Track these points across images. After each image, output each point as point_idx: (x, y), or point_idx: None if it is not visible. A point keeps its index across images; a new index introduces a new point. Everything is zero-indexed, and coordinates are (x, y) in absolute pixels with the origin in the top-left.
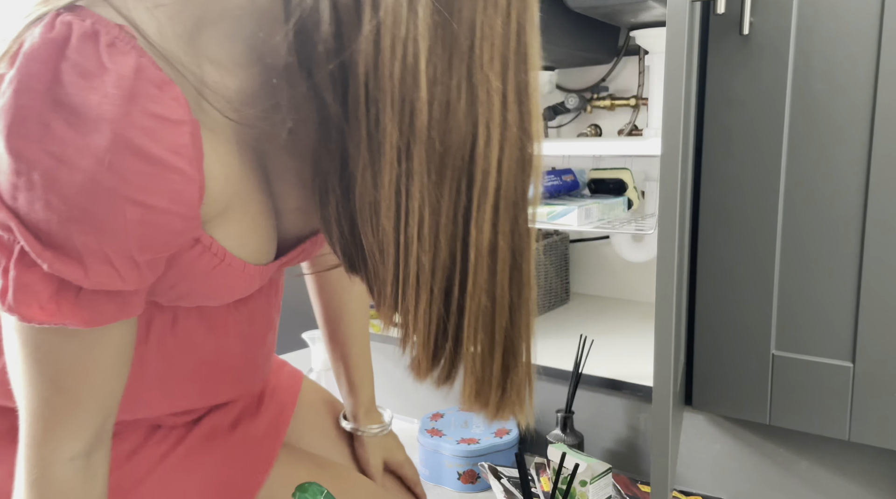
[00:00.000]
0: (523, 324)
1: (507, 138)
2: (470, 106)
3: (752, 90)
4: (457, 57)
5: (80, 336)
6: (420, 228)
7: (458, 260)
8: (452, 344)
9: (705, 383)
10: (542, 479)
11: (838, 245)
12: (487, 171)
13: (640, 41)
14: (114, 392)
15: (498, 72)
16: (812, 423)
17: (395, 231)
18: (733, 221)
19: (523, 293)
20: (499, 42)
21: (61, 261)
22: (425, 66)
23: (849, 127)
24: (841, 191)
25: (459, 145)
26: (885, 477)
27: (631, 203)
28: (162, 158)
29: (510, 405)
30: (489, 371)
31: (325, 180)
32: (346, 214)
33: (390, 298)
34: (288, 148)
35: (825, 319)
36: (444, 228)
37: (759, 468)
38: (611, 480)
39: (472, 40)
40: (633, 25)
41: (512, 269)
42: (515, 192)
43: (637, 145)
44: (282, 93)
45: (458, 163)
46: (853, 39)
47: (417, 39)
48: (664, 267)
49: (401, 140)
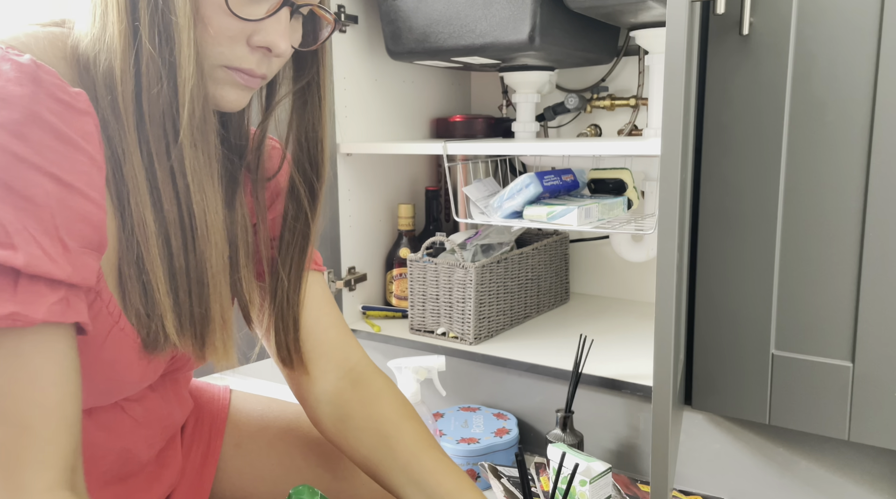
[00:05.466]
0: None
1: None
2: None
3: (751, 90)
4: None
5: (19, 345)
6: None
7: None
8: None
9: (705, 383)
10: (542, 479)
11: (838, 245)
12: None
13: (640, 41)
14: (68, 417)
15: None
16: (812, 423)
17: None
18: (733, 221)
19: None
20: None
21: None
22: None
23: (848, 126)
24: (840, 191)
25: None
26: (885, 477)
27: (631, 203)
28: (72, 139)
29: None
30: None
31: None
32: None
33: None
34: None
35: (825, 319)
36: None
37: (758, 468)
38: (610, 479)
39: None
40: (633, 25)
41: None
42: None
43: (637, 145)
44: None
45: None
46: (853, 39)
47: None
48: (664, 267)
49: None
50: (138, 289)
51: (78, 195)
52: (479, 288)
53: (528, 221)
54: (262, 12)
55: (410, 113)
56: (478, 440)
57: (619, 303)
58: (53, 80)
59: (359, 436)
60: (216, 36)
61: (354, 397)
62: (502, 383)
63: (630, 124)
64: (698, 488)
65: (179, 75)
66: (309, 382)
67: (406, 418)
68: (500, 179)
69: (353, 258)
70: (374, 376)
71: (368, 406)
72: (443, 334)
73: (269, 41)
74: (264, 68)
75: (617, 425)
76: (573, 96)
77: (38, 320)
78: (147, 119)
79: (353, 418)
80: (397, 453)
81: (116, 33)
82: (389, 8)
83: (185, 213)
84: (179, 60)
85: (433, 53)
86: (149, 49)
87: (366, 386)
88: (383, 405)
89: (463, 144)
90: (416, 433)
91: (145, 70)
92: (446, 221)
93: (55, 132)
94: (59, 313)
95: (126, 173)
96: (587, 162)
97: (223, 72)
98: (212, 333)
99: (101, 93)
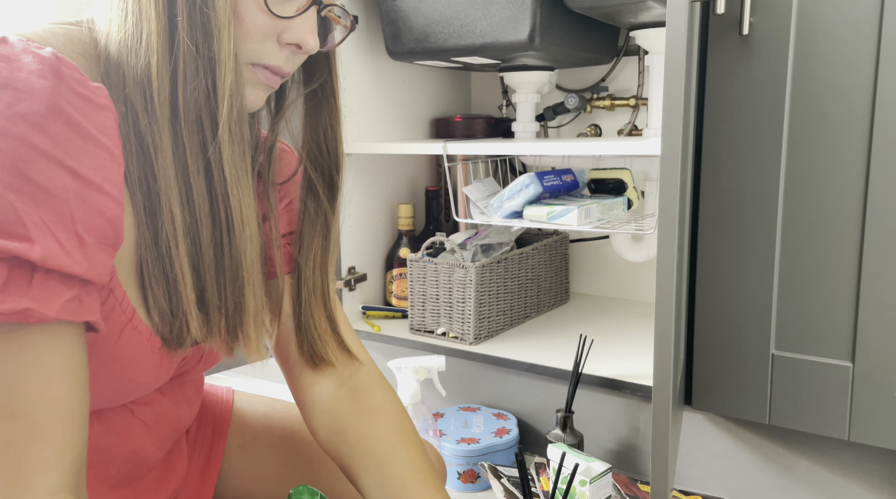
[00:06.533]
0: None
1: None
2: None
3: (751, 90)
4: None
5: (30, 340)
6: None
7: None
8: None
9: (705, 383)
10: (542, 478)
11: (838, 245)
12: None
13: (640, 41)
14: (77, 418)
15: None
16: (812, 423)
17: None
18: (733, 221)
19: None
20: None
21: (6, 233)
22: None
23: (848, 126)
24: (840, 190)
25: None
26: (885, 477)
27: (631, 203)
28: (92, 134)
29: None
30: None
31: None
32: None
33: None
34: None
35: (825, 319)
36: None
37: (758, 468)
38: (610, 479)
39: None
40: (632, 25)
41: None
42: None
43: (637, 145)
44: None
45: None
46: (853, 39)
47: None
48: (664, 267)
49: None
50: (163, 285)
51: (96, 190)
52: (479, 288)
53: (528, 221)
54: (292, 10)
55: (410, 113)
56: (478, 440)
57: (619, 303)
58: (74, 74)
59: (351, 454)
60: (249, 33)
61: (351, 409)
62: (502, 383)
63: (630, 124)
64: (698, 488)
65: (219, 71)
66: (305, 387)
67: (403, 443)
68: (500, 179)
69: (353, 258)
70: (375, 387)
71: (364, 422)
72: (443, 334)
73: (299, 38)
74: (290, 66)
75: (617, 425)
76: (573, 96)
77: (50, 318)
78: (182, 115)
79: (347, 433)
80: (388, 484)
81: (154, 31)
82: (389, 8)
83: (220, 206)
84: (219, 56)
85: (433, 53)
86: (188, 45)
87: (365, 399)
88: (380, 424)
89: (463, 144)
90: (410, 464)
91: (182, 66)
92: (446, 221)
93: (75, 126)
94: (72, 311)
95: (158, 169)
96: (587, 162)
97: (248, 70)
98: (246, 325)
99: (133, 90)
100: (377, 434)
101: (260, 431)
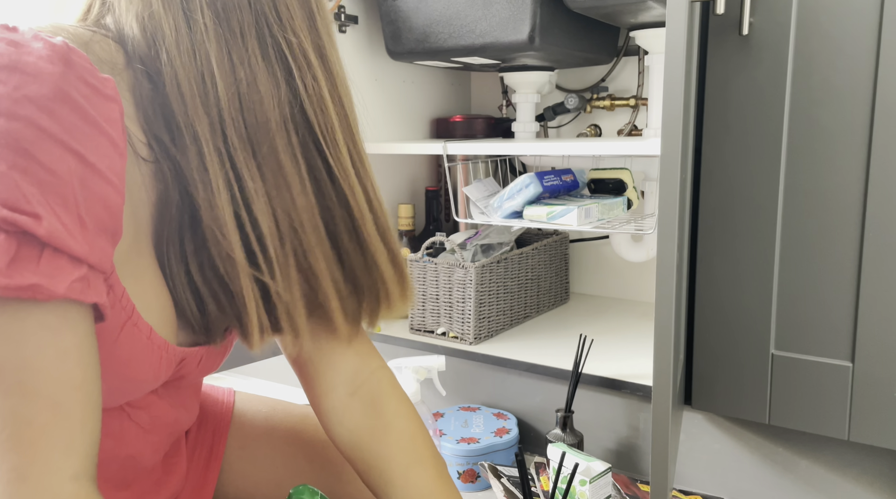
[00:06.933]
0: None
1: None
2: (269, 71)
3: (751, 90)
4: (246, 37)
5: (44, 317)
6: (277, 212)
7: (339, 220)
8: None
9: (705, 383)
10: (542, 478)
11: (838, 245)
12: (321, 127)
13: (640, 41)
14: (94, 401)
15: (290, 29)
16: (811, 423)
17: (267, 238)
18: (733, 221)
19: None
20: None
21: (11, 208)
22: (216, 60)
23: (848, 127)
24: (840, 190)
25: (270, 110)
26: (884, 477)
27: (630, 203)
28: (98, 123)
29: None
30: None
31: (172, 238)
32: (209, 263)
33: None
34: None
35: (825, 319)
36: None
37: (758, 468)
38: (610, 479)
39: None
40: (632, 26)
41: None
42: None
43: (637, 145)
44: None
45: (277, 129)
46: (853, 39)
47: (205, 44)
48: (664, 267)
49: (216, 139)
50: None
51: (98, 177)
52: (479, 288)
53: (528, 221)
54: None
55: (410, 113)
56: (478, 440)
57: (619, 303)
58: (84, 63)
59: (367, 472)
60: None
61: (364, 424)
62: (502, 383)
63: (630, 124)
64: (698, 488)
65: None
66: (318, 396)
67: (415, 461)
68: (500, 179)
69: None
70: (388, 397)
71: (376, 441)
72: (443, 334)
73: None
74: None
75: (617, 424)
76: (573, 96)
77: (59, 295)
78: (244, 121)
79: (363, 449)
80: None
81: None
82: (389, 8)
83: (277, 206)
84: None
85: (433, 53)
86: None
87: (377, 412)
88: (391, 442)
89: (463, 144)
90: (421, 487)
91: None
92: (446, 221)
93: (82, 113)
94: (80, 291)
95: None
96: (587, 162)
97: None
98: (300, 316)
99: (176, 104)
100: (388, 454)
101: (261, 431)
